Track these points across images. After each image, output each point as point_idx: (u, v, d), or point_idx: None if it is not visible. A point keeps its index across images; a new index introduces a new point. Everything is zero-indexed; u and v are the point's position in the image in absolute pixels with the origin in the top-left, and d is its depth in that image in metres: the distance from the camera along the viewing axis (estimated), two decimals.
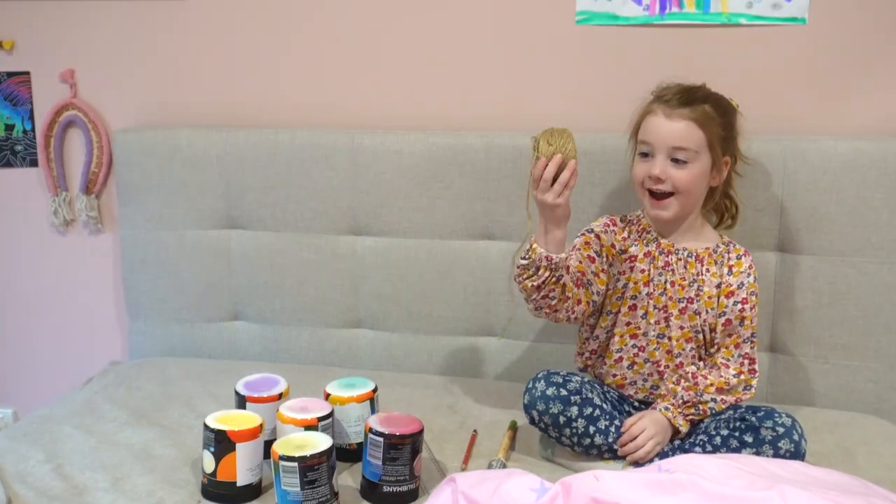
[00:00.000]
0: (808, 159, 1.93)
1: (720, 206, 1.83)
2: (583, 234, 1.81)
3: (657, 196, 1.73)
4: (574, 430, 1.68)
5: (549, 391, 1.69)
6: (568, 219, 1.66)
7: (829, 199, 1.92)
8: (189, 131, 2.23)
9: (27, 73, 2.37)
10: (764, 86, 2.01)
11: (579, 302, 1.73)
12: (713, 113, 1.71)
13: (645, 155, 1.74)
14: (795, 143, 1.94)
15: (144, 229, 2.27)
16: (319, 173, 2.16)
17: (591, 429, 1.69)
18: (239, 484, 1.56)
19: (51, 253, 2.45)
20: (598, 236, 1.80)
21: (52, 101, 2.36)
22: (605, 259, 1.78)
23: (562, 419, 1.68)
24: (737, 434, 1.64)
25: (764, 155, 1.93)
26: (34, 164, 2.41)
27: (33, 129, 2.40)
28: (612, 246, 1.79)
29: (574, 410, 1.68)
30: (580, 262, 1.76)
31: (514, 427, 1.83)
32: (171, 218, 2.25)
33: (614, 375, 1.81)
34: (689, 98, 1.72)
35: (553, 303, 1.69)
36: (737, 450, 1.63)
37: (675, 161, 1.70)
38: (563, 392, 1.68)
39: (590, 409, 1.69)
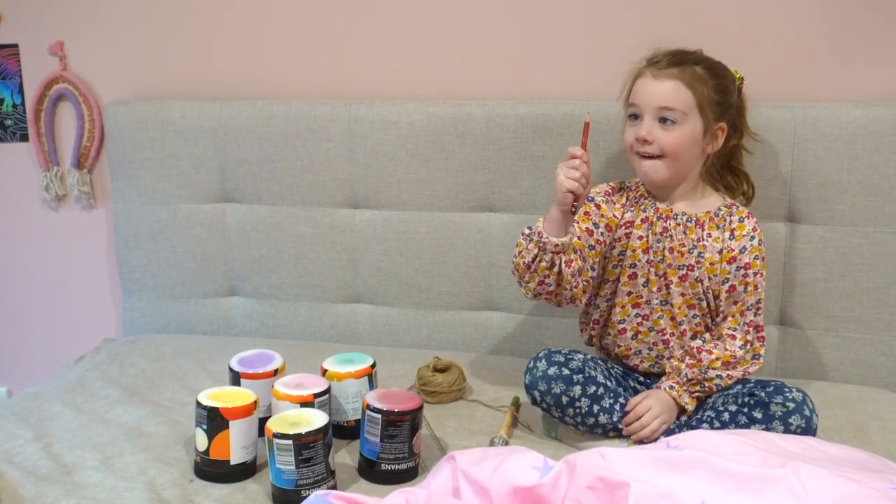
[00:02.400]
0: (820, 127, 1.87)
1: (730, 184, 1.79)
2: (583, 203, 1.76)
3: (646, 157, 1.70)
4: (577, 410, 1.65)
5: (551, 371, 1.65)
6: (567, 205, 1.59)
7: (840, 168, 1.87)
8: (182, 103, 2.18)
9: (16, 46, 2.32)
10: (773, 51, 1.96)
11: (577, 287, 1.70)
12: (704, 75, 1.68)
13: (634, 118, 1.71)
14: (806, 111, 1.89)
15: (138, 204, 2.23)
16: (316, 145, 2.11)
17: (595, 408, 1.65)
18: (232, 462, 1.53)
19: (43, 229, 2.42)
20: (598, 206, 1.76)
21: (41, 74, 2.32)
22: (602, 230, 1.74)
23: (564, 399, 1.64)
24: (745, 410, 1.61)
25: (773, 123, 1.88)
26: (24, 138, 2.37)
27: (23, 103, 2.35)
28: (615, 217, 1.75)
29: (577, 390, 1.64)
30: (577, 237, 1.70)
31: (516, 403, 1.79)
32: (165, 192, 2.21)
33: (619, 346, 1.78)
34: (680, 59, 1.69)
35: (550, 289, 1.66)
36: (746, 426, 1.59)
37: (663, 122, 1.67)
38: (566, 371, 1.64)
39: (593, 388, 1.65)
